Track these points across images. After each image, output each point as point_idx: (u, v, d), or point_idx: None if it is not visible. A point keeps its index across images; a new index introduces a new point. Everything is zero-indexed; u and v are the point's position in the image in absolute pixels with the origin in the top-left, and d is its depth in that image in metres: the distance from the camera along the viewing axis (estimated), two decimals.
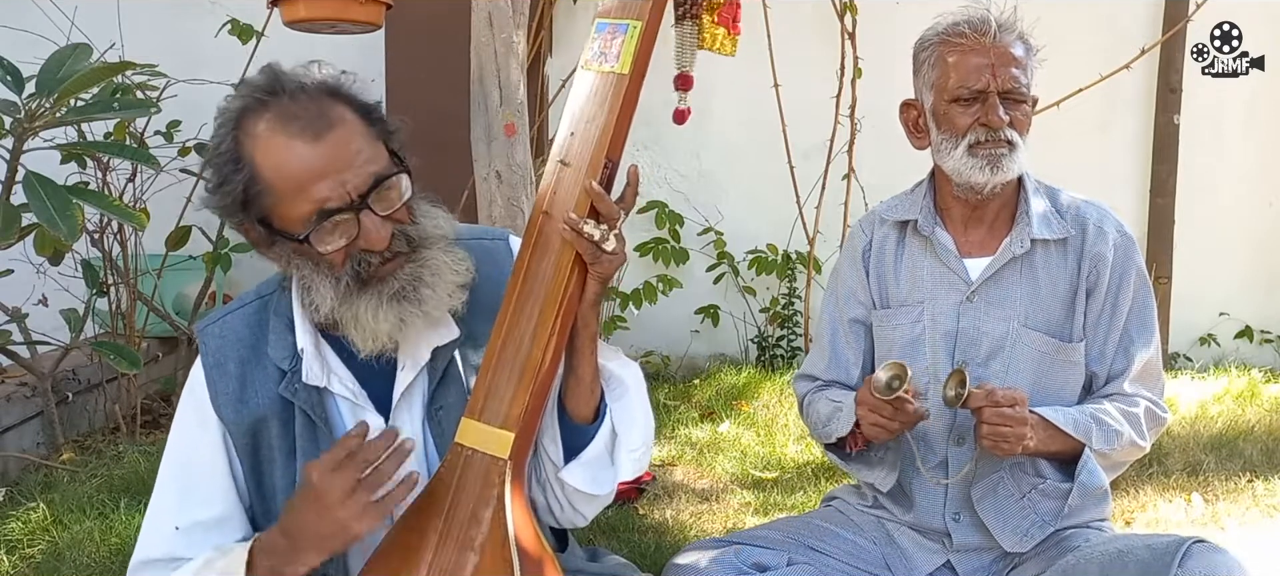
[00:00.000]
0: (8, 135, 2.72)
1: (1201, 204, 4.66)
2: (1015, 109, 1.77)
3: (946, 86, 1.78)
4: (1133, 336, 1.81)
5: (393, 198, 1.38)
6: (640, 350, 4.51)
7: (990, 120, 1.75)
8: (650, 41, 1.46)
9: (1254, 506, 2.92)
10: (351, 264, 1.38)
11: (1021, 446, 1.67)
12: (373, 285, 1.39)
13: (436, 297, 1.40)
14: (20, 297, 3.36)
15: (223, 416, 1.49)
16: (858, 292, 1.95)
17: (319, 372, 1.46)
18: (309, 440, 1.48)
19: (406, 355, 1.47)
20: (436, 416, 1.50)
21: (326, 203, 1.33)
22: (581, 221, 1.39)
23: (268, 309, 1.52)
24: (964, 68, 1.76)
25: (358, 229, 1.35)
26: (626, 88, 1.43)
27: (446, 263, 1.42)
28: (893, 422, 1.70)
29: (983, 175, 1.77)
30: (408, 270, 1.39)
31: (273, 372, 1.48)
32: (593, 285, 1.44)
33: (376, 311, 1.38)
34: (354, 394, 1.49)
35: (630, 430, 1.52)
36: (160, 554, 1.49)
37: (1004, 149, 1.76)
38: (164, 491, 1.52)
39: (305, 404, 1.46)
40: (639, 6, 1.46)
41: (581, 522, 1.58)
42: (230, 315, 1.54)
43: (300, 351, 1.46)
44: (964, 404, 1.67)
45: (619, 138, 1.44)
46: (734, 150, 4.55)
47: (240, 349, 1.50)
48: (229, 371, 1.49)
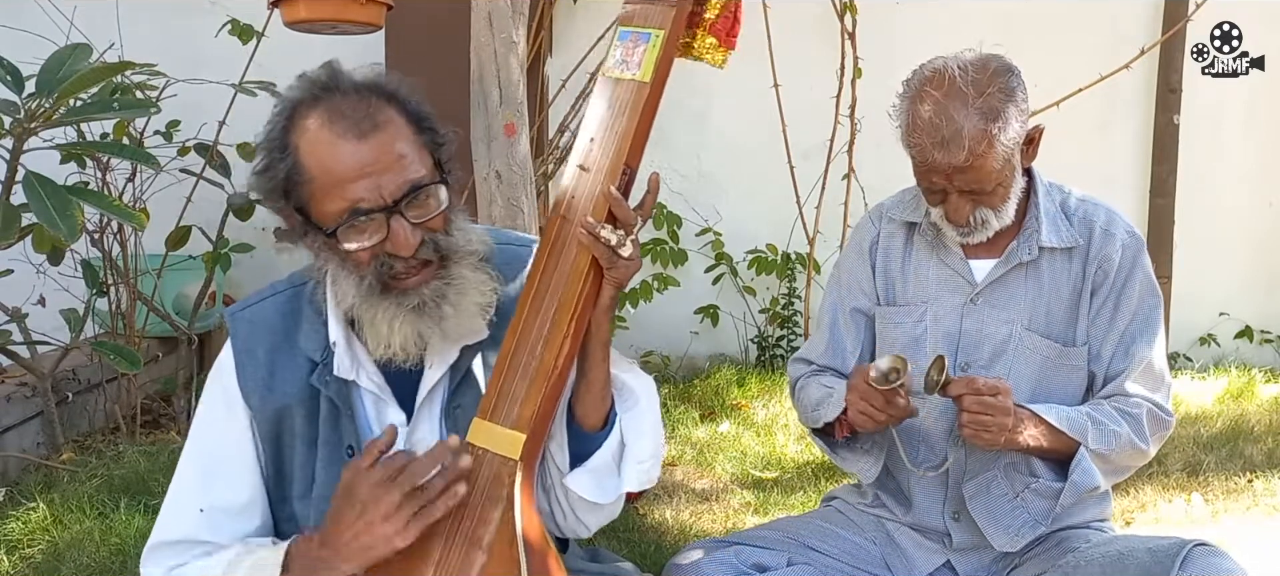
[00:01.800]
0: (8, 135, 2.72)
1: (1201, 204, 4.67)
2: (982, 195, 1.73)
3: (914, 173, 1.78)
4: (1135, 336, 1.79)
5: (428, 206, 1.39)
6: (640, 350, 4.51)
7: (949, 216, 1.76)
8: (671, 50, 1.48)
9: (1254, 506, 2.92)
10: (376, 265, 1.39)
11: (1004, 437, 1.65)
12: (395, 293, 1.40)
13: (457, 317, 1.41)
14: (20, 298, 3.36)
15: (250, 403, 1.50)
16: (862, 283, 1.94)
17: (349, 366, 1.48)
18: (332, 430, 1.49)
19: (434, 354, 1.48)
20: (454, 415, 1.51)
21: (360, 203, 1.35)
22: (599, 226, 1.40)
23: (301, 298, 1.53)
24: (922, 169, 1.74)
25: (387, 232, 1.37)
26: (647, 96, 1.45)
27: (473, 281, 1.43)
28: (880, 414, 1.68)
29: (961, 237, 1.79)
30: (433, 286, 1.40)
31: (303, 362, 1.49)
32: (607, 290, 1.44)
33: (393, 321, 1.40)
34: (379, 388, 1.50)
35: (639, 441, 1.52)
36: (181, 536, 1.49)
37: (976, 227, 1.76)
38: (187, 474, 1.52)
39: (334, 395, 1.48)
40: (661, 16, 1.48)
41: (584, 533, 1.58)
42: (262, 302, 1.55)
43: (333, 344, 1.48)
44: (943, 391, 1.66)
45: (638, 145, 1.46)
46: (734, 150, 4.55)
47: (270, 336, 1.51)
48: (258, 358, 1.51)
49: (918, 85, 1.72)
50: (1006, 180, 1.73)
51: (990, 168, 1.68)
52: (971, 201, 1.73)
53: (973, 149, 1.65)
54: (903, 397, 1.67)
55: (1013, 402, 1.67)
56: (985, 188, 1.71)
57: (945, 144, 1.66)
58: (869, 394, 1.68)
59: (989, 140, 1.66)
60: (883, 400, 1.67)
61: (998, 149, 1.67)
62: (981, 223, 1.75)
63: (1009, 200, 1.75)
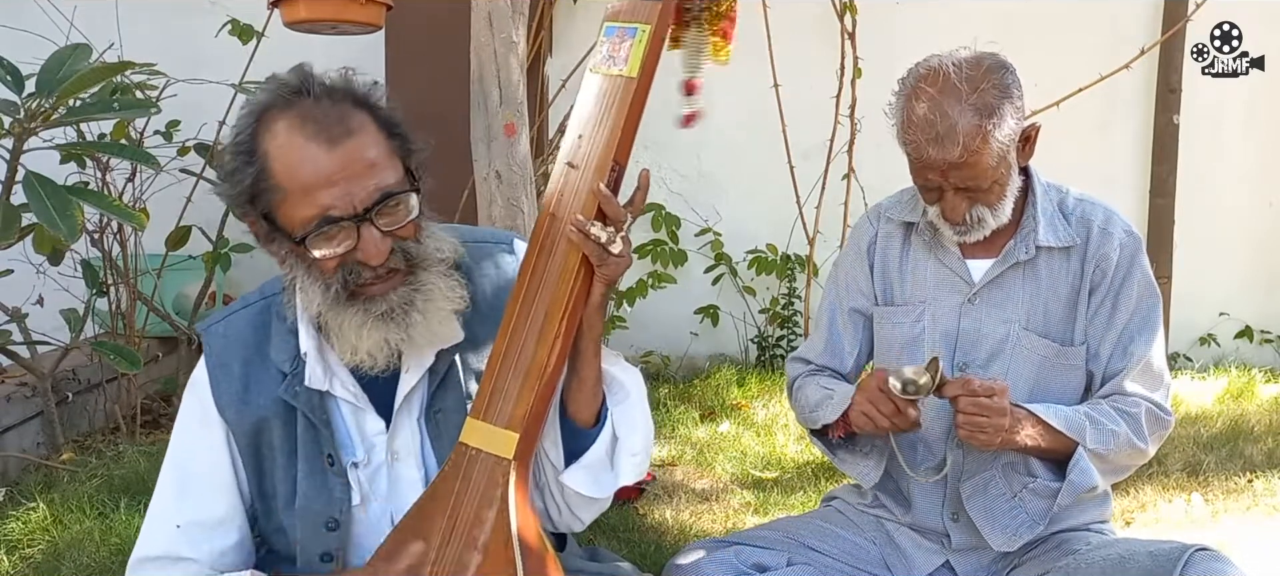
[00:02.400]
0: (8, 135, 2.72)
1: (1201, 204, 4.66)
2: (978, 193, 1.73)
3: (911, 171, 1.78)
4: (1133, 335, 1.78)
5: (398, 215, 1.37)
6: (640, 350, 4.51)
7: (945, 214, 1.76)
8: (659, 45, 1.47)
9: (1254, 506, 2.92)
10: (343, 272, 1.37)
11: (1000, 438, 1.65)
12: (361, 301, 1.38)
13: (425, 324, 1.40)
14: (20, 298, 3.36)
15: (226, 416, 1.48)
16: (860, 283, 1.94)
17: (321, 376, 1.46)
18: (310, 443, 1.48)
19: (410, 358, 1.47)
20: (434, 419, 1.50)
21: (330, 210, 1.33)
22: (588, 223, 1.40)
23: (271, 310, 1.51)
24: (918, 166, 1.74)
25: (357, 240, 1.35)
26: (634, 91, 1.44)
27: (440, 288, 1.41)
28: (884, 420, 1.68)
29: (958, 235, 1.79)
30: (401, 292, 1.39)
31: (274, 375, 1.48)
32: (598, 287, 1.44)
33: (361, 329, 1.38)
34: (355, 397, 1.49)
35: (631, 434, 1.52)
36: (160, 552, 1.49)
37: (971, 224, 1.76)
38: (165, 490, 1.51)
39: (306, 407, 1.46)
40: (648, 10, 1.47)
41: (578, 527, 1.58)
42: (233, 315, 1.54)
43: (303, 355, 1.46)
44: (939, 392, 1.66)
45: (626, 141, 1.45)
46: (734, 150, 4.55)
47: (243, 349, 1.50)
48: (232, 371, 1.49)
49: (913, 83, 1.72)
50: (1002, 178, 1.72)
51: (985, 164, 1.68)
52: (968, 199, 1.73)
53: (967, 144, 1.65)
54: (915, 410, 1.67)
55: (1010, 403, 1.67)
56: (981, 184, 1.71)
57: (940, 140, 1.66)
58: (878, 399, 1.68)
59: (984, 136, 1.66)
60: (893, 408, 1.67)
61: (993, 145, 1.67)
62: (978, 221, 1.75)
63: (1005, 199, 1.75)
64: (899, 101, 1.74)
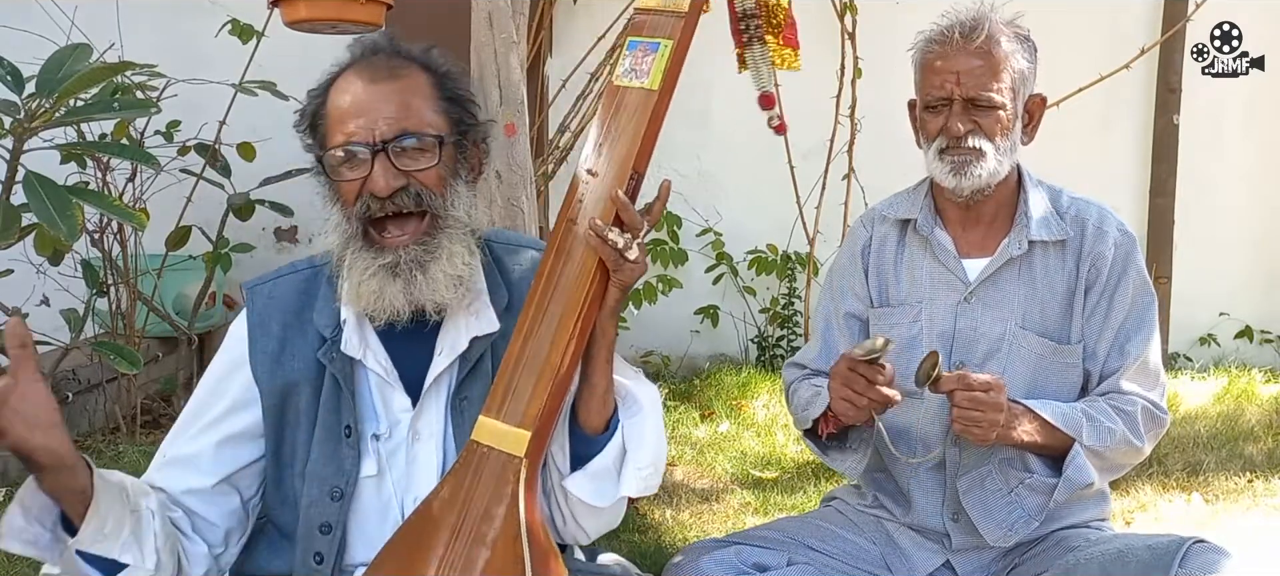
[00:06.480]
0: (8, 135, 2.72)
1: (1201, 204, 4.67)
2: (983, 115, 1.76)
3: (922, 93, 1.81)
4: (1129, 334, 1.79)
5: (416, 158, 1.44)
6: (640, 350, 4.51)
7: (948, 127, 1.77)
8: (680, 60, 1.52)
9: (1254, 506, 2.93)
10: (361, 207, 1.44)
11: (996, 433, 1.66)
12: (375, 248, 1.44)
13: (428, 282, 1.44)
14: (20, 298, 3.36)
15: (257, 375, 1.52)
16: (855, 288, 1.95)
17: (357, 344, 1.50)
18: (331, 410, 1.50)
19: (445, 341, 1.51)
20: (460, 406, 1.52)
21: (353, 137, 1.43)
22: (606, 228, 1.43)
23: (319, 277, 1.56)
24: (932, 75, 1.78)
25: (371, 171, 1.42)
26: (655, 104, 1.49)
27: (452, 251, 1.45)
28: (861, 397, 1.68)
29: (950, 180, 1.79)
30: (412, 251, 1.44)
31: (313, 338, 1.52)
32: (613, 292, 1.47)
33: (364, 273, 1.44)
34: (385, 371, 1.51)
35: (640, 448, 1.53)
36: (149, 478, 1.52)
37: (969, 155, 1.76)
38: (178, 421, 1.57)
39: (338, 371, 1.50)
40: (671, 26, 1.52)
41: (584, 540, 1.59)
42: (281, 278, 1.59)
43: (343, 321, 1.50)
44: (935, 386, 1.66)
45: (646, 151, 1.49)
46: (734, 150, 4.55)
47: (285, 314, 1.54)
48: (272, 332, 1.53)
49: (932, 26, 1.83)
50: (1006, 120, 1.76)
51: (999, 73, 1.74)
52: (971, 121, 1.75)
53: (992, 35, 1.75)
54: (883, 377, 1.66)
55: (1006, 399, 1.67)
56: (990, 98, 1.74)
57: (967, 30, 1.75)
58: (851, 378, 1.68)
59: (1004, 46, 1.76)
60: (864, 382, 1.67)
61: (1011, 62, 1.75)
62: (976, 153, 1.76)
63: (1006, 144, 1.77)
64: (920, 37, 1.83)
